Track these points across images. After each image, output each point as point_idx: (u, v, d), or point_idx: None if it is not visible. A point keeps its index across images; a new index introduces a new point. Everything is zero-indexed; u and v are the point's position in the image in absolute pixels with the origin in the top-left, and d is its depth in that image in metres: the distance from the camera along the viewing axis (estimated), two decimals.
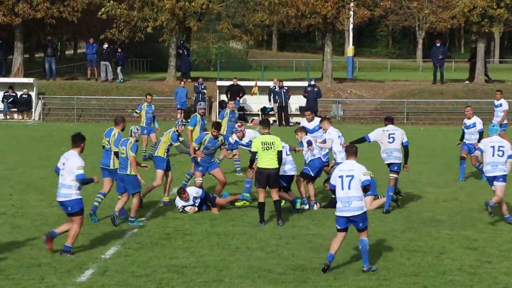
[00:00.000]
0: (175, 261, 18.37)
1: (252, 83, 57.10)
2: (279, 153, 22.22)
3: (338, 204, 17.71)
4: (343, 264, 18.15)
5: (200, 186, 24.32)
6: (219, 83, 57.96)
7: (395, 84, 62.36)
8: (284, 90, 54.16)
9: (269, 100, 55.08)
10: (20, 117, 56.43)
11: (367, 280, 16.86)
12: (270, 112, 55.61)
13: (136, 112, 36.72)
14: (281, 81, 55.20)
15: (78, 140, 18.89)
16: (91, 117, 57.27)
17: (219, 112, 49.02)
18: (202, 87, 55.81)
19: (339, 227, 17.75)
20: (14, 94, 56.21)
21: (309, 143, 24.42)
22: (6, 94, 56.10)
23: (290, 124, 53.51)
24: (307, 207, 24.44)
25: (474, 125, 30.11)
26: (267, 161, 22.09)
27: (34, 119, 56.01)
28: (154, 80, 65.08)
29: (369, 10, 62.35)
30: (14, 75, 61.30)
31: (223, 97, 56.19)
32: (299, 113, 55.23)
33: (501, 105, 36.88)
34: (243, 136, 26.01)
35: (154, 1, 59.21)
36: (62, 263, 18.07)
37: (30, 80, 58.15)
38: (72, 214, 18.75)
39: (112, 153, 22.66)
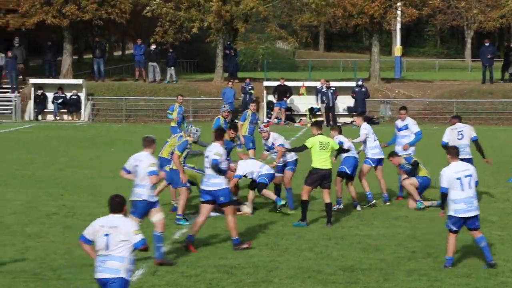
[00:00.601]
0: (225, 261, 18.38)
1: (300, 83, 57.09)
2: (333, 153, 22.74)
3: (460, 206, 17.46)
4: (392, 264, 18.07)
5: None
6: (266, 83, 57.96)
7: (443, 84, 62.02)
8: (332, 91, 54.05)
9: (316, 100, 54.98)
10: (70, 118, 56.80)
11: (418, 281, 16.74)
12: (317, 113, 55.43)
13: (170, 113, 37.03)
14: (328, 82, 55.10)
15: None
16: (139, 118, 57.51)
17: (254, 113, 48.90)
18: (250, 87, 55.88)
19: (455, 229, 17.62)
20: (63, 95, 56.62)
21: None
22: (56, 95, 56.56)
23: (338, 124, 53.31)
24: (341, 207, 24.50)
25: None
26: (323, 161, 22.09)
27: (83, 120, 56.32)
28: (201, 80, 65.18)
29: (417, 10, 61.95)
30: (64, 77, 61.76)
31: (270, 98, 56.26)
32: (347, 113, 55.18)
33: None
34: (268, 137, 24.92)
35: (201, 2, 59.35)
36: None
37: (79, 81, 58.58)
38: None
39: None
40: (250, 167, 24.01)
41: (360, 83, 54.83)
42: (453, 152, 18.02)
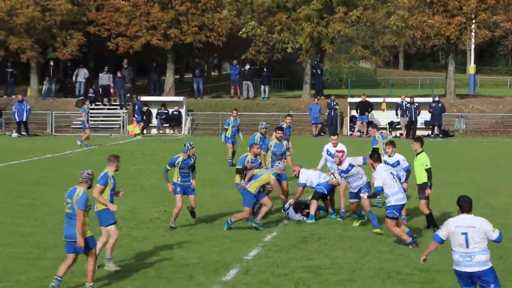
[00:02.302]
0: (311, 262, 18.31)
1: (380, 100, 56.98)
2: None
3: None
4: None
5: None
6: (349, 99, 57.81)
7: None
8: (415, 106, 53.76)
9: (396, 115, 54.65)
10: (172, 132, 57.25)
11: None
12: (397, 126, 55.21)
13: (226, 128, 37.62)
14: (412, 98, 54.95)
15: None
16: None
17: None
18: (334, 103, 55.77)
19: None
20: (166, 111, 57.15)
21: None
22: (159, 111, 57.15)
23: (418, 136, 53.01)
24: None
25: None
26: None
27: (183, 134, 56.73)
28: (290, 97, 65.23)
29: (490, 31, 61.31)
30: (166, 94, 62.35)
31: (353, 112, 56.12)
32: (423, 126, 54.77)
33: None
34: (341, 162, 22.48)
35: (292, 25, 59.47)
36: (209, 263, 18.21)
37: (180, 98, 59.06)
38: None
39: None
40: (312, 176, 23.67)
41: (437, 99, 54.37)
42: None
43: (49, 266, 17.65)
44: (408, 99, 54.52)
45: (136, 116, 56.03)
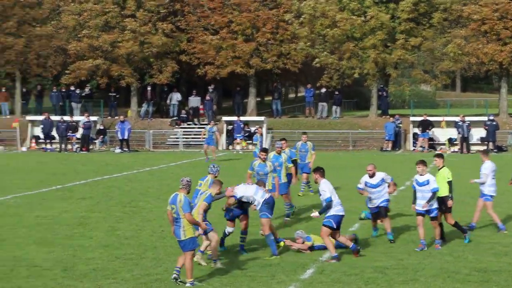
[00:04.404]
0: (379, 263, 18.23)
1: (440, 118, 56.59)
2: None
3: None
4: None
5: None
6: (412, 118, 57.41)
7: None
8: (467, 124, 53.16)
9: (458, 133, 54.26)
10: (254, 148, 57.28)
11: None
12: (455, 142, 54.71)
13: (256, 143, 37.52)
14: (464, 116, 54.38)
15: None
16: None
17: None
18: (398, 122, 55.57)
19: None
20: (248, 129, 57.39)
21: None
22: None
23: (471, 151, 52.43)
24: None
25: None
26: None
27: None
28: (359, 117, 65.02)
29: None
30: (249, 115, 62.64)
31: (415, 130, 55.79)
32: (479, 142, 54.17)
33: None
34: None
35: (359, 53, 59.39)
36: (289, 263, 18.23)
37: (261, 118, 59.31)
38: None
39: None
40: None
41: (491, 117, 53.81)
42: None
43: (149, 266, 17.90)
44: (459, 118, 54.04)
45: (236, 134, 56.46)
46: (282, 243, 19.65)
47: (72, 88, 62.36)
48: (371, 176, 20.97)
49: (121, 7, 61.60)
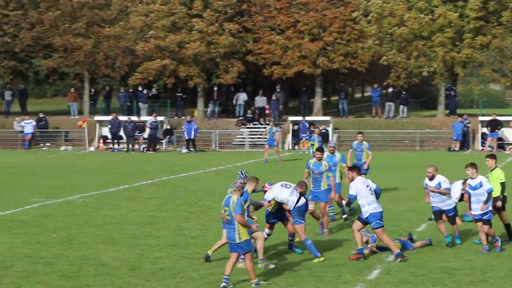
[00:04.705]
0: (446, 264, 18.05)
1: (509, 118, 55.76)
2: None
3: None
4: None
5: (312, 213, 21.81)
6: (481, 118, 56.71)
7: None
8: None
9: None
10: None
11: None
12: None
13: (312, 143, 37.17)
14: None
15: None
16: (375, 147, 57.18)
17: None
18: (467, 122, 54.93)
19: None
20: (324, 130, 57.06)
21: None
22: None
23: None
24: None
25: None
26: None
27: None
28: (426, 116, 64.42)
29: None
30: (315, 114, 62.55)
31: (484, 130, 55.08)
32: None
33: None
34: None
35: (427, 51, 58.85)
36: (355, 264, 18.17)
37: (327, 118, 59.19)
38: None
39: None
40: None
41: None
42: None
43: (215, 265, 18.00)
44: None
45: (302, 134, 56.42)
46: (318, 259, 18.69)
47: (140, 88, 63.03)
48: (431, 178, 20.44)
49: (188, 7, 62.02)
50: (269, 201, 19.00)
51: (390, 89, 60.85)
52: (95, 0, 62.99)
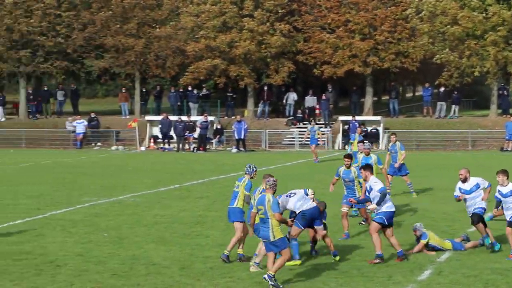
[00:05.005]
0: (499, 265, 17.86)
1: None
2: None
3: None
4: None
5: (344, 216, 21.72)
6: None
7: None
8: None
9: None
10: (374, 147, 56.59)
11: None
12: None
13: (352, 142, 36.71)
14: None
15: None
16: (426, 147, 56.99)
17: None
18: None
19: None
20: (365, 129, 56.94)
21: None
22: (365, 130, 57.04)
23: None
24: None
25: None
26: None
27: (380, 149, 56.21)
28: (478, 116, 63.80)
29: None
30: (365, 114, 62.31)
31: None
32: None
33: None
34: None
35: (480, 50, 58.30)
36: (406, 264, 18.07)
37: (378, 118, 58.95)
38: None
39: None
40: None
41: None
42: None
43: (265, 265, 17.99)
44: None
45: (352, 134, 56.17)
46: (299, 262, 18.19)
47: (190, 88, 63.36)
48: (463, 181, 19.51)
49: (239, 7, 62.18)
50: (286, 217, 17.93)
51: (442, 89, 60.43)
52: (147, 1, 63.49)
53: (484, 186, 19.57)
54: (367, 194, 18.85)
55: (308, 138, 48.12)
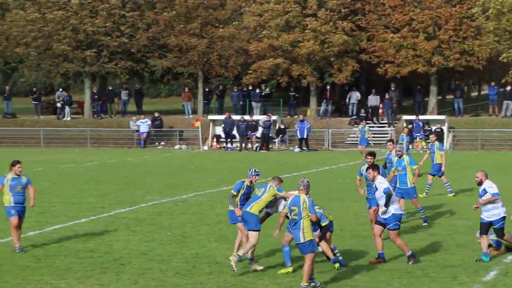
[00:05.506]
0: None
1: None
2: None
3: None
4: None
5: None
6: None
7: None
8: None
9: None
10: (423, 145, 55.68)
11: None
12: None
13: (401, 143, 35.86)
14: None
15: None
16: (493, 147, 56.29)
17: None
18: None
19: None
20: (429, 128, 56.37)
21: None
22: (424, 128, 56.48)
23: None
24: None
25: None
26: None
27: (446, 148, 55.55)
28: None
29: None
30: (429, 113, 61.73)
31: None
32: None
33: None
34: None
35: None
36: (471, 265, 17.86)
37: (442, 117, 58.40)
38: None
39: None
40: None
41: None
42: None
43: (327, 264, 17.96)
44: None
45: (416, 133, 55.64)
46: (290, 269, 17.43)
47: (252, 87, 63.50)
48: (479, 184, 18.57)
49: (302, 6, 62.10)
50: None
51: (509, 87, 59.53)
52: (210, 1, 63.81)
53: (490, 192, 18.40)
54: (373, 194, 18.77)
55: (358, 137, 47.87)
